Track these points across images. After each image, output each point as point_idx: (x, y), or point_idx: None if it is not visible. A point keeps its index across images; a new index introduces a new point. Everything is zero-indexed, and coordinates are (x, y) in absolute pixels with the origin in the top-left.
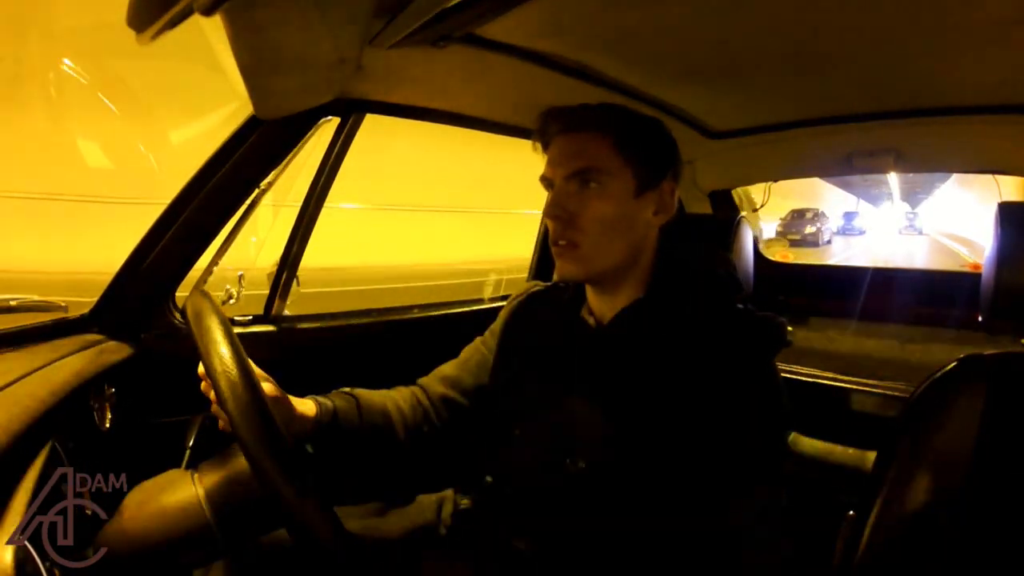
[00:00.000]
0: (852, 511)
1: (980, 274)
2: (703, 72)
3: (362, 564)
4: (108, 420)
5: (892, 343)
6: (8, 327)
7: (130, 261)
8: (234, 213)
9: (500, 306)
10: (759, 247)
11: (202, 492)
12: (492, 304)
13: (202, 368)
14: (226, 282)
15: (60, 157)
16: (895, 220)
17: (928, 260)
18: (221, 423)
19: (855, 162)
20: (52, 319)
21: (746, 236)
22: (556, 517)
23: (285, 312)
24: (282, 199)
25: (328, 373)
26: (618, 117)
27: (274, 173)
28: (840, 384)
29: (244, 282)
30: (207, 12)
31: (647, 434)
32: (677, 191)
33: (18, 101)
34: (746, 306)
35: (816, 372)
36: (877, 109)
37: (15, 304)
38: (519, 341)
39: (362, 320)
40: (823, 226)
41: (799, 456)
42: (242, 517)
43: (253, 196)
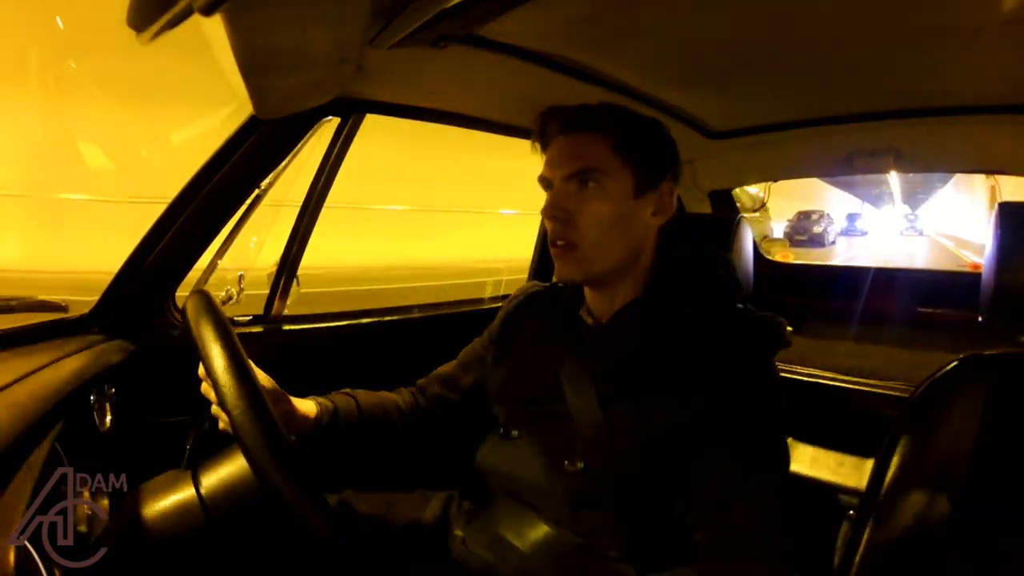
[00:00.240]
0: (852, 511)
1: (980, 274)
2: (703, 72)
3: (362, 563)
4: (108, 420)
5: (892, 343)
6: (8, 327)
7: (130, 261)
8: (234, 213)
9: (500, 306)
10: (759, 247)
11: (202, 492)
12: (492, 304)
13: (202, 369)
14: (226, 282)
15: (60, 157)
16: (896, 221)
17: (927, 258)
18: (221, 424)
19: (855, 162)
20: (52, 319)
21: (746, 236)
22: (555, 517)
23: (285, 312)
24: (284, 199)
25: (328, 373)
26: (618, 118)
27: (274, 173)
28: (840, 384)
29: (244, 282)
30: (207, 12)
31: (646, 434)
32: (676, 192)
33: (18, 101)
34: (745, 306)
35: (816, 372)
36: (877, 109)
37: (15, 304)
38: (517, 341)
39: (362, 320)
40: (828, 227)
41: (798, 457)
42: (242, 517)
43: (253, 196)
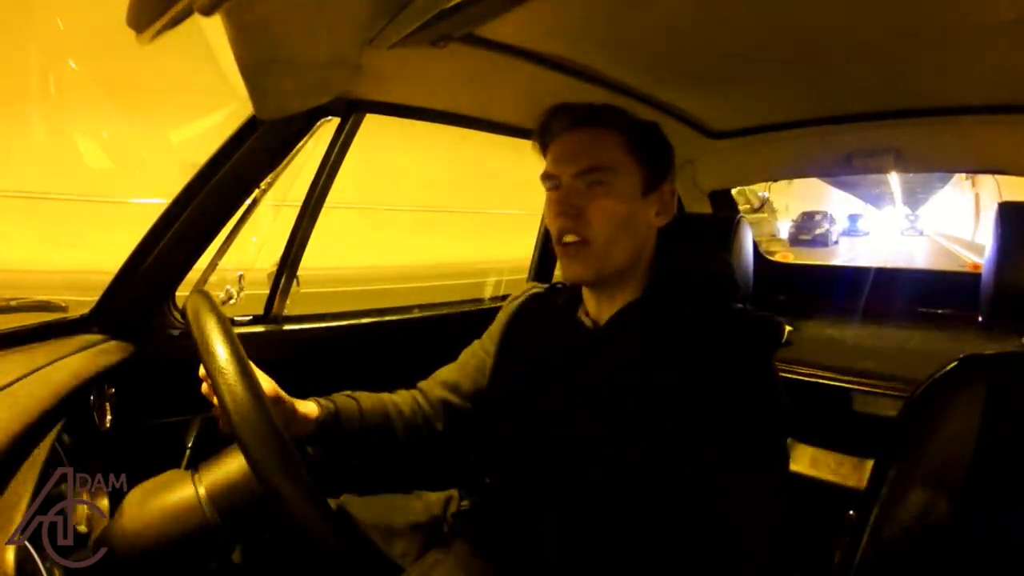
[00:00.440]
0: (852, 511)
1: (980, 274)
2: (703, 72)
3: (362, 564)
4: (108, 420)
5: (892, 343)
6: (8, 327)
7: (130, 261)
8: (234, 213)
9: (500, 306)
10: (759, 247)
11: (202, 492)
12: (492, 304)
13: (203, 370)
14: (226, 282)
15: (59, 157)
16: (897, 222)
17: (925, 255)
18: (222, 424)
19: (855, 162)
20: (52, 319)
21: (746, 236)
22: (555, 518)
23: (285, 312)
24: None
25: (328, 373)
26: (624, 117)
27: (274, 173)
28: (840, 384)
29: (244, 282)
30: (207, 12)
31: (645, 435)
32: (676, 193)
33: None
34: (744, 306)
35: (816, 372)
36: (877, 109)
37: (15, 304)
38: (517, 343)
39: (362, 320)
40: (831, 227)
41: (798, 457)
42: (242, 517)
43: (253, 196)
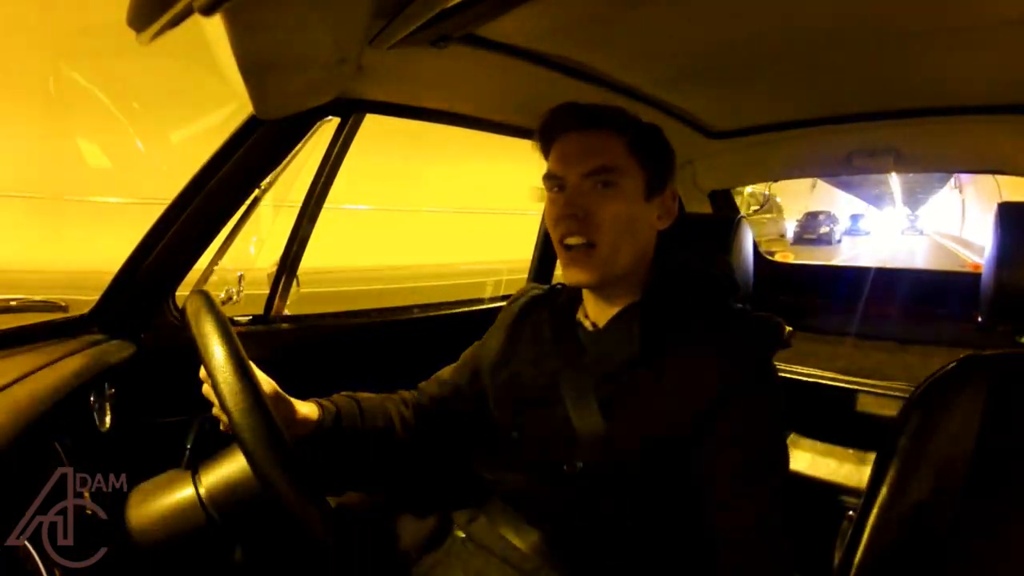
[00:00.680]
0: (852, 511)
1: (980, 274)
2: (703, 72)
3: (362, 564)
4: (108, 420)
5: (892, 343)
6: (8, 327)
7: (130, 261)
8: (234, 213)
9: (500, 306)
10: (759, 246)
11: (202, 492)
12: (492, 304)
13: (203, 371)
14: (226, 282)
15: (59, 156)
16: (897, 221)
17: (925, 254)
18: (223, 425)
19: (855, 162)
20: (52, 319)
21: (746, 236)
22: (555, 518)
23: (285, 312)
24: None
25: (328, 373)
26: (630, 119)
27: (274, 173)
28: (840, 384)
29: (244, 282)
30: (207, 12)
31: (644, 435)
32: (677, 197)
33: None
34: (744, 306)
35: (816, 372)
36: (877, 109)
37: (15, 304)
38: (517, 344)
39: (362, 320)
40: (834, 227)
41: (799, 457)
42: (242, 517)
43: (253, 196)
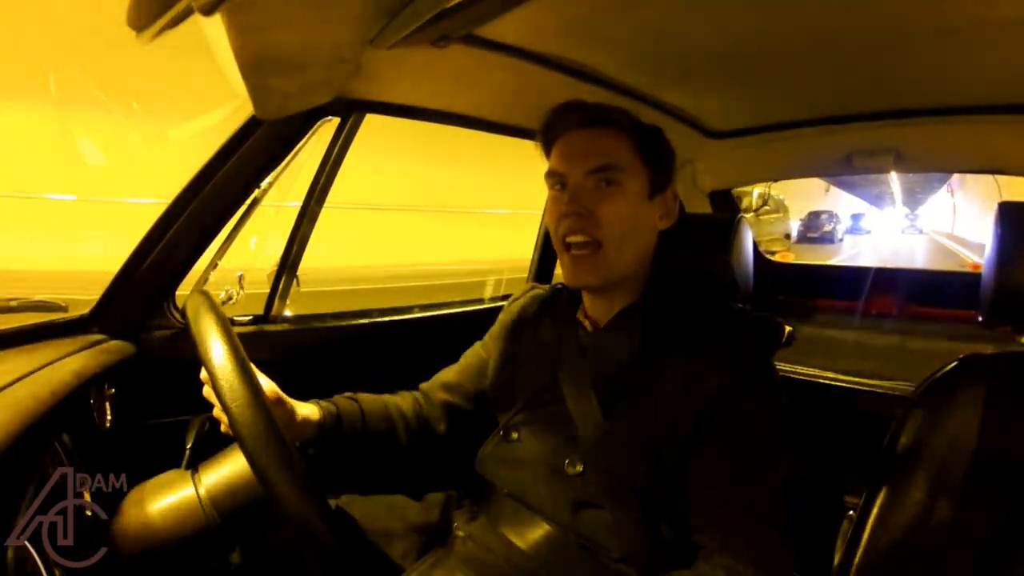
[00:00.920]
0: (852, 511)
1: (980, 274)
2: (703, 72)
3: (362, 564)
4: (108, 420)
5: (892, 343)
6: (8, 327)
7: (130, 261)
8: (234, 213)
9: (500, 306)
10: (759, 246)
11: (202, 492)
12: (492, 304)
13: (204, 372)
14: (226, 282)
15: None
16: (898, 221)
17: (924, 252)
18: (223, 427)
19: (855, 162)
20: (52, 319)
21: (746, 236)
22: (555, 518)
23: (285, 312)
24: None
25: (328, 373)
26: (633, 119)
27: (274, 173)
28: (841, 384)
29: (244, 282)
30: (207, 12)
31: (645, 436)
32: (678, 198)
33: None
34: (744, 306)
35: (816, 372)
36: (877, 109)
37: (15, 304)
38: (517, 344)
39: (362, 320)
40: (836, 225)
41: (799, 456)
42: (242, 517)
43: (253, 196)
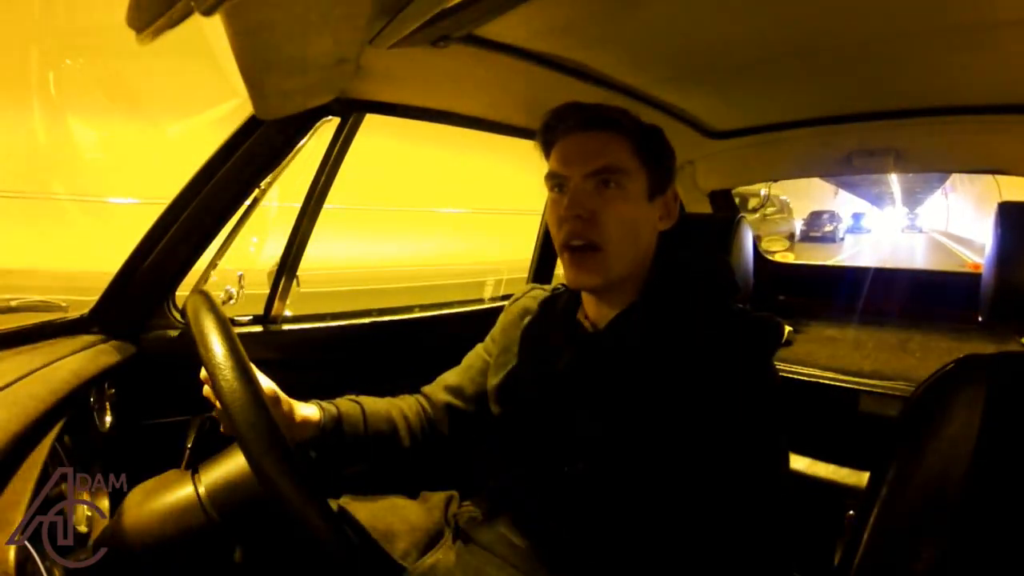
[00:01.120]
0: (852, 511)
1: (980, 274)
2: (703, 72)
3: (363, 564)
4: (108, 420)
5: (892, 343)
6: (8, 327)
7: (130, 261)
8: (234, 213)
9: (500, 306)
10: (758, 246)
11: (202, 492)
12: (492, 304)
13: (204, 372)
14: (226, 282)
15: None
16: (898, 220)
17: (920, 248)
18: (223, 428)
19: (855, 162)
20: (52, 319)
21: (746, 236)
22: (555, 518)
23: (285, 312)
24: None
25: (328, 373)
26: (632, 120)
27: (274, 173)
28: (840, 384)
29: (244, 282)
30: (207, 12)
31: (645, 436)
32: (679, 199)
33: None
34: (744, 306)
35: (816, 372)
36: (877, 109)
37: (15, 304)
38: (518, 346)
39: (362, 320)
40: (838, 225)
41: (798, 457)
42: (242, 517)
43: (253, 196)
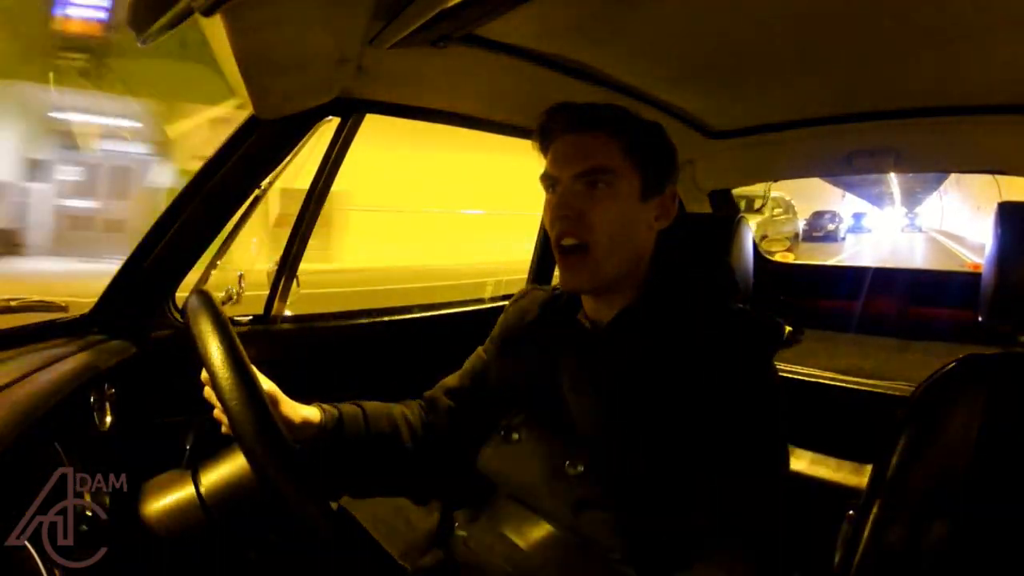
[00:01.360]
0: (852, 511)
1: (980, 274)
2: (703, 72)
3: (363, 564)
4: (108, 420)
5: (892, 343)
6: (8, 327)
7: (130, 261)
8: (234, 213)
9: (500, 306)
10: (759, 247)
11: (202, 492)
12: (492, 304)
13: (204, 372)
14: (226, 282)
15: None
16: (897, 220)
17: (920, 247)
18: (224, 428)
19: (855, 162)
20: (52, 319)
21: (746, 236)
22: (556, 518)
23: (285, 312)
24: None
25: (328, 373)
26: (626, 120)
27: (274, 173)
28: (840, 384)
29: (244, 282)
30: (207, 12)
31: (645, 436)
32: (677, 196)
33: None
34: (744, 306)
35: (816, 372)
36: (877, 109)
37: (15, 304)
38: (517, 345)
39: (362, 320)
40: (839, 225)
41: (799, 457)
42: (242, 517)
43: (253, 196)
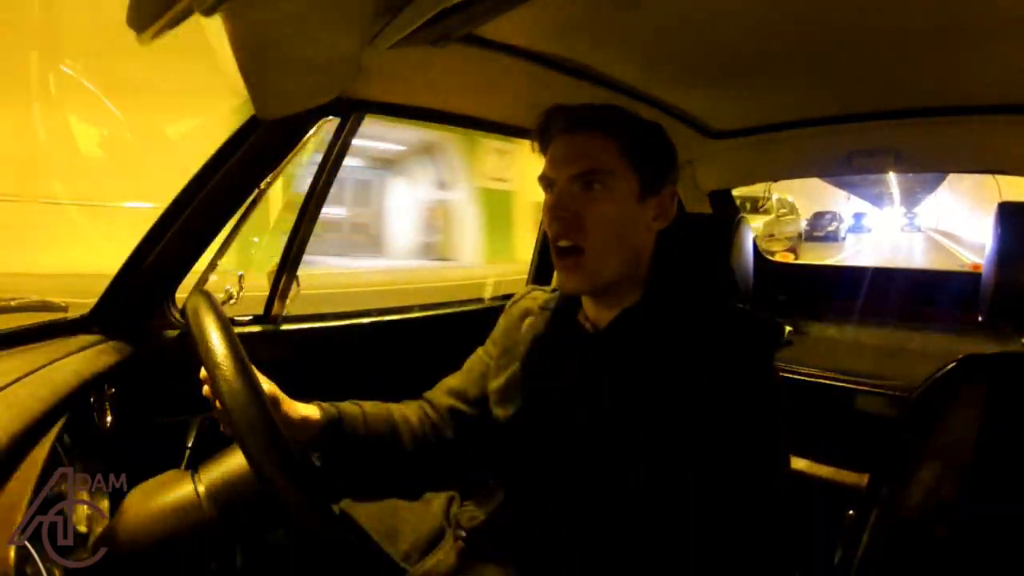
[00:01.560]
0: (852, 511)
1: (980, 274)
2: (703, 72)
3: (364, 564)
4: (108, 420)
5: (892, 343)
6: (8, 327)
7: (130, 261)
8: (234, 213)
9: (500, 305)
10: (759, 247)
11: (202, 492)
12: (492, 304)
13: (204, 372)
14: (226, 282)
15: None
16: (897, 220)
17: (922, 249)
18: (223, 427)
19: (855, 162)
20: (52, 319)
21: (746, 236)
22: (556, 519)
23: (285, 312)
24: None
25: (328, 373)
26: (624, 120)
27: (274, 173)
28: (840, 384)
29: (244, 282)
30: (207, 12)
31: (645, 437)
32: (676, 196)
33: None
34: (744, 306)
35: (816, 372)
36: (877, 109)
37: (15, 304)
38: (518, 346)
39: (362, 320)
40: (840, 225)
41: (799, 457)
42: (242, 517)
43: (253, 196)
